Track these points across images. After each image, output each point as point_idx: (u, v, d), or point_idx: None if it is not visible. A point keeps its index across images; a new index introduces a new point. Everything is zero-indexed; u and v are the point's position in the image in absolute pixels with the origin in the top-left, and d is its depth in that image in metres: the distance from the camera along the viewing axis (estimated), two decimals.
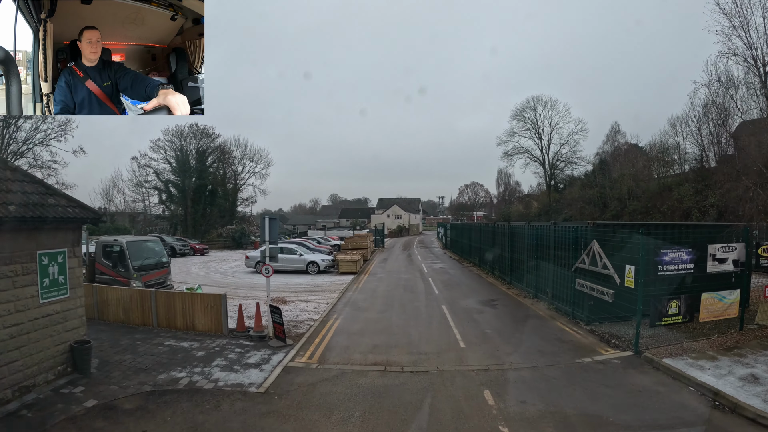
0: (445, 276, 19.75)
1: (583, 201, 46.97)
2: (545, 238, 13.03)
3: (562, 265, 11.58)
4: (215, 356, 8.59)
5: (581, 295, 10.49)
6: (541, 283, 13.21)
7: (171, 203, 48.90)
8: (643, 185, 43.92)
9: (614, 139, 54.19)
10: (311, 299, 14.55)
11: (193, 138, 48.68)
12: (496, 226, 19.47)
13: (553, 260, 12.26)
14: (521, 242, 15.29)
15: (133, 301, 11.23)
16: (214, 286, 17.81)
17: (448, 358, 8.26)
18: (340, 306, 13.26)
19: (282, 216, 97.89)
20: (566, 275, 11.31)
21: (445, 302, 13.32)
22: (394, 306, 13.03)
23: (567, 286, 11.31)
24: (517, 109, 55.05)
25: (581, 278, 10.30)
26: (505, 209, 63.25)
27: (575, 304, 10.85)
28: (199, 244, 38.00)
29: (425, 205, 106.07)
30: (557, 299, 12.00)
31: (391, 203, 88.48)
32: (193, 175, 48.35)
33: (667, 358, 8.16)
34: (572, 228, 11.23)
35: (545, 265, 12.90)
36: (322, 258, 21.82)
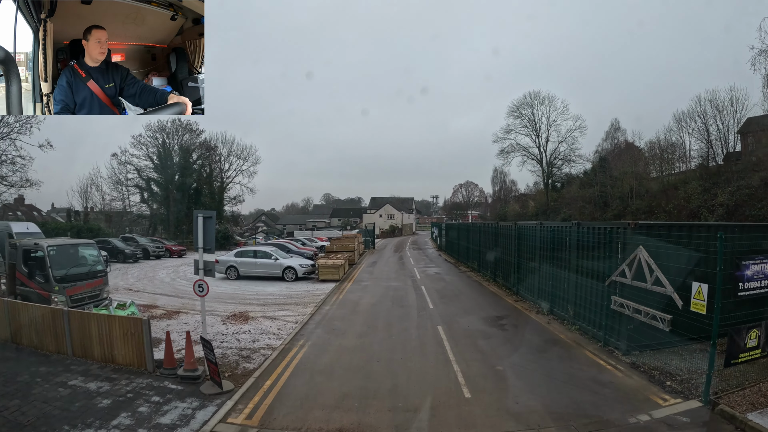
0: (441, 284, 17.25)
1: (583, 200, 44.99)
2: (564, 242, 10.59)
3: (590, 276, 9.13)
4: (122, 408, 6.10)
5: (618, 317, 8.06)
6: (559, 297, 10.76)
7: (153, 202, 46.23)
8: (646, 184, 41.73)
9: (614, 136, 52.81)
10: (279, 315, 11.98)
11: (176, 134, 46.02)
12: (500, 227, 17.01)
13: (576, 269, 9.81)
14: (531, 245, 12.84)
15: (45, 321, 8.80)
16: (172, 296, 15.17)
17: (448, 418, 5.74)
18: (312, 326, 10.70)
19: (273, 215, 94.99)
20: (596, 290, 8.87)
21: (441, 321, 10.82)
22: (378, 327, 10.49)
23: (597, 303, 8.87)
24: (514, 106, 52.76)
25: (620, 295, 7.86)
26: (501, 209, 61.23)
27: (609, 328, 8.40)
28: (177, 245, 35.19)
29: (419, 204, 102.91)
30: (582, 319, 9.55)
31: (383, 202, 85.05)
32: (176, 173, 45.54)
33: (752, 413, 5.77)
34: (605, 230, 8.77)
35: (564, 275, 10.47)
36: (300, 263, 19.20)
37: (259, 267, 19.24)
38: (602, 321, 8.58)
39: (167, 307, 13.37)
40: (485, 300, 13.79)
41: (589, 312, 9.22)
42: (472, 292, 15.45)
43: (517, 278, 14.11)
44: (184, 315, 12.38)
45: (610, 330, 8.38)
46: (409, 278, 18.85)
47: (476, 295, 14.87)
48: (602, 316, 8.56)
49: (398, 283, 17.51)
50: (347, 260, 22.38)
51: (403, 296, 14.41)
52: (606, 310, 8.33)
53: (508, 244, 15.14)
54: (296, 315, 11.98)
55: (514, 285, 14.28)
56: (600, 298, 8.65)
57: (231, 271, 19.56)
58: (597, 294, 8.81)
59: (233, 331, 10.37)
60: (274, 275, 18.97)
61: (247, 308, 13.05)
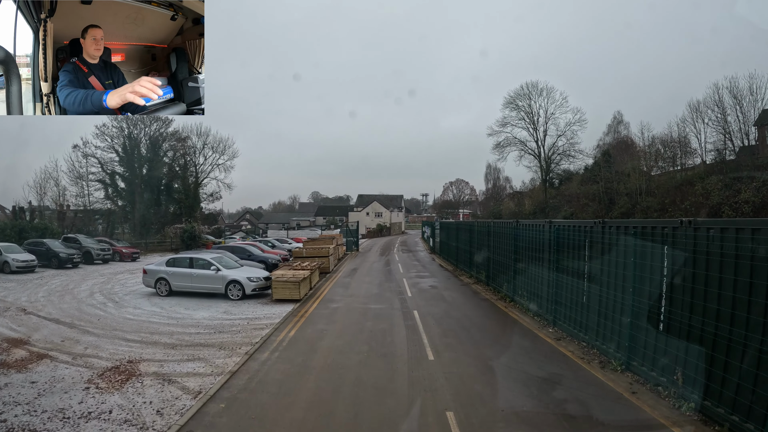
0: (441, 306, 12.52)
1: (586, 197, 41.25)
2: (673, 260, 5.98)
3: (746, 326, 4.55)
4: None
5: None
6: (644, 342, 6.17)
7: (118, 198, 41.47)
8: (656, 179, 38.12)
9: (617, 130, 48.73)
10: (181, 373, 7.21)
11: (143, 122, 41.18)
12: (521, 227, 12.30)
13: (711, 312, 5.22)
14: (595, 258, 8.25)
15: None
16: (64, 324, 10.87)
17: None
18: (217, 407, 5.87)
19: (258, 214, 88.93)
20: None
21: (450, 393, 6.11)
22: (339, 412, 5.72)
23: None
24: (510, 97, 48.90)
25: None
26: (495, 207, 57.68)
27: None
28: (128, 247, 30.09)
29: (408, 203, 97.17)
30: (714, 398, 4.94)
31: (371, 200, 78.65)
32: (144, 166, 41.13)
33: None
34: None
35: (680, 317, 5.88)
36: (250, 275, 14.25)
37: (195, 280, 14.29)
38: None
39: (39, 344, 9.00)
40: (511, 339, 9.09)
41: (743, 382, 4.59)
42: (487, 321, 10.77)
43: (554, 304, 9.52)
44: (48, 363, 7.84)
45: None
46: (397, 296, 14.07)
47: (494, 326, 10.21)
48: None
49: (381, 305, 12.72)
50: (318, 269, 17.53)
51: (387, 331, 9.62)
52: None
53: (539, 253, 10.53)
54: (210, 373, 7.16)
55: (550, 312, 9.70)
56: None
57: (161, 285, 14.61)
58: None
59: (86, 411, 5.85)
60: (216, 291, 14.06)
61: (146, 352, 8.35)
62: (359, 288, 15.85)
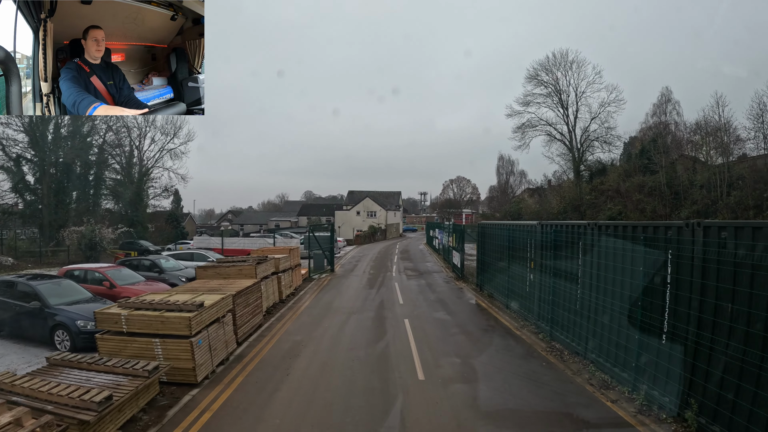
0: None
1: (640, 191, 31.82)
2: None
3: None
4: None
5: None
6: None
7: (26, 191, 30.25)
8: (737, 168, 27.54)
9: (664, 111, 38.38)
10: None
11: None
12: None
13: None
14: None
15: None
16: None
17: None
18: None
19: (238, 212, 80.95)
20: None
21: None
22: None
23: None
24: (534, 69, 39.05)
25: None
26: (514, 205, 45.48)
27: None
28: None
29: (405, 202, 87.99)
30: None
31: (362, 196, 63.98)
32: (60, 149, 30.84)
33: None
34: None
35: None
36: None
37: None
38: None
39: None
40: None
41: None
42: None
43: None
44: None
45: None
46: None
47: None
48: None
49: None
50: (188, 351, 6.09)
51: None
52: None
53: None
54: None
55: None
56: None
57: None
58: None
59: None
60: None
61: None
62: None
